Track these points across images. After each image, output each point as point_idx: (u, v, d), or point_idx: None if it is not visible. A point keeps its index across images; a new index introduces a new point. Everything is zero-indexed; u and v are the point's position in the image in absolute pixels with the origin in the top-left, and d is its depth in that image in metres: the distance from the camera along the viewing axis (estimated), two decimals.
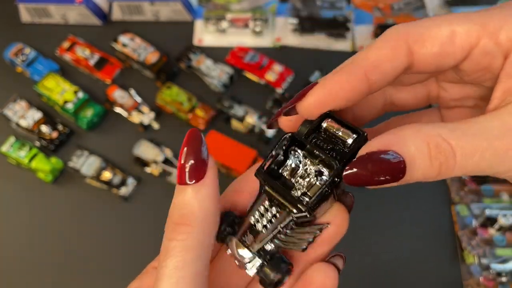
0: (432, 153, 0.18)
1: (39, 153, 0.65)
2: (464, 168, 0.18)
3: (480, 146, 0.18)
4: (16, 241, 0.63)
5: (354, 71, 0.20)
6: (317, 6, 0.75)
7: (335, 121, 0.21)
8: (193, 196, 0.21)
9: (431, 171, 0.19)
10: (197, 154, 0.21)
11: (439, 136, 0.18)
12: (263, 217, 0.22)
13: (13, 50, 0.73)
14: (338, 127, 0.21)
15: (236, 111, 0.68)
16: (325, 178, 0.21)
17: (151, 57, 0.71)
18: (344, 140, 0.21)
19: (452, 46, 0.19)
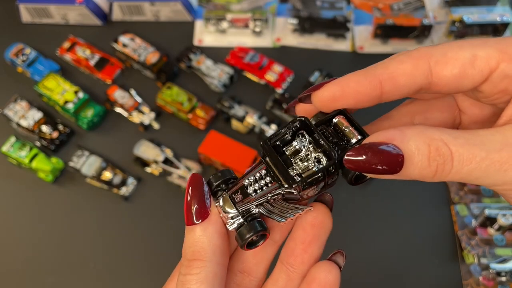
0: (431, 154, 0.19)
1: (39, 153, 0.65)
2: (459, 174, 0.19)
3: (478, 155, 0.19)
4: (17, 241, 0.63)
5: (370, 77, 0.21)
6: (317, 7, 0.75)
7: (347, 119, 0.23)
8: (202, 234, 0.24)
9: (427, 171, 0.19)
10: (201, 196, 0.24)
11: (441, 140, 0.19)
12: (256, 183, 0.24)
13: (13, 50, 0.73)
14: (347, 125, 0.22)
15: (236, 111, 0.68)
16: (321, 164, 0.22)
17: (152, 57, 0.71)
18: (349, 139, 0.22)
19: (473, 69, 0.20)
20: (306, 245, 0.24)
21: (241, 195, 0.24)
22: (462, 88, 0.21)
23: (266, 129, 0.68)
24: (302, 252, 0.24)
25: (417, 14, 0.74)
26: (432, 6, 0.78)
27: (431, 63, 0.20)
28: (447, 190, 0.64)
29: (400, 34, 0.74)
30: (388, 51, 0.75)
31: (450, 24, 0.73)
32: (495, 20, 0.72)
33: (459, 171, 0.19)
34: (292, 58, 0.75)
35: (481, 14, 0.73)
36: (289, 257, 0.25)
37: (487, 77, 0.20)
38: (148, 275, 0.60)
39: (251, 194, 0.23)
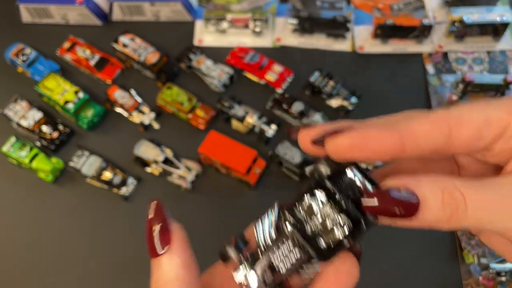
0: (445, 199, 0.20)
1: (39, 153, 0.65)
2: (473, 218, 0.20)
3: (491, 200, 0.20)
4: (17, 241, 0.63)
5: (393, 133, 0.21)
6: (317, 7, 0.75)
7: (359, 170, 0.22)
8: (166, 268, 0.22)
9: (442, 216, 0.20)
10: (165, 227, 0.23)
11: (454, 185, 0.20)
12: (281, 255, 0.22)
13: (13, 50, 0.73)
14: (361, 177, 0.22)
15: (236, 111, 0.68)
16: (346, 229, 0.21)
17: (152, 57, 0.71)
18: (363, 191, 0.22)
19: (487, 130, 0.21)
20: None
21: (269, 271, 0.22)
22: (475, 148, 0.22)
23: (266, 129, 0.68)
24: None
25: (417, 14, 0.74)
26: (432, 6, 0.78)
27: (451, 124, 0.21)
28: None
29: (400, 34, 0.74)
30: (388, 51, 0.75)
31: (450, 24, 0.73)
32: (495, 20, 0.72)
33: (473, 215, 0.20)
34: (292, 58, 0.75)
35: (481, 14, 0.73)
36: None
37: (499, 137, 0.21)
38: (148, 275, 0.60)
39: (279, 269, 0.22)
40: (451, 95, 0.71)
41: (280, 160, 0.64)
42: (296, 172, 0.64)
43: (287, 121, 0.69)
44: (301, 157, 0.64)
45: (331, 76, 0.70)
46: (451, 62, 0.74)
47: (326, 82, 0.70)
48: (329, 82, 0.70)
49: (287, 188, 0.65)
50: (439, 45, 0.75)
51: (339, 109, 0.70)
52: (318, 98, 0.71)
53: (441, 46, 0.75)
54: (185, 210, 0.64)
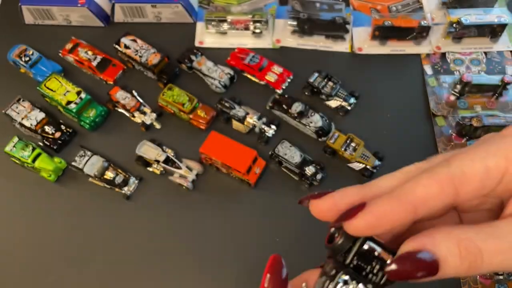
0: (462, 254, 0.21)
1: (42, 153, 0.66)
2: (490, 266, 0.21)
3: (504, 247, 0.21)
4: (19, 240, 0.63)
5: (405, 205, 0.22)
6: (316, 8, 0.76)
7: (375, 242, 0.24)
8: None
9: (461, 269, 0.21)
10: (278, 282, 0.24)
11: (468, 239, 0.21)
12: None
13: (16, 51, 0.74)
14: (379, 248, 0.23)
15: (236, 111, 0.69)
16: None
17: (153, 58, 0.72)
18: (384, 260, 0.23)
19: (488, 180, 0.23)
20: None
21: None
22: (481, 195, 0.24)
23: (266, 129, 0.68)
24: None
25: (415, 16, 0.75)
26: (430, 8, 0.79)
27: (455, 185, 0.23)
28: None
29: (398, 35, 0.75)
30: (386, 53, 0.76)
31: (448, 25, 0.74)
32: (493, 21, 0.73)
33: (490, 263, 0.21)
34: (292, 59, 0.76)
35: (478, 15, 0.74)
36: None
37: (499, 183, 0.23)
38: (150, 273, 0.61)
39: None
40: (449, 95, 0.72)
41: (280, 160, 0.65)
42: (295, 171, 0.65)
43: (287, 121, 0.70)
44: (300, 157, 0.64)
45: (330, 77, 0.71)
46: (449, 63, 0.75)
47: (325, 83, 0.70)
48: (328, 83, 0.71)
49: (287, 187, 0.66)
50: (437, 46, 0.76)
51: (338, 109, 0.71)
52: (317, 99, 0.72)
53: (439, 47, 0.76)
54: (186, 209, 0.65)
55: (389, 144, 0.68)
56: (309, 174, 0.64)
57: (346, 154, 0.65)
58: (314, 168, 0.64)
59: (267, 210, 0.64)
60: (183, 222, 0.64)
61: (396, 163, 0.75)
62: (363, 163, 0.65)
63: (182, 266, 0.61)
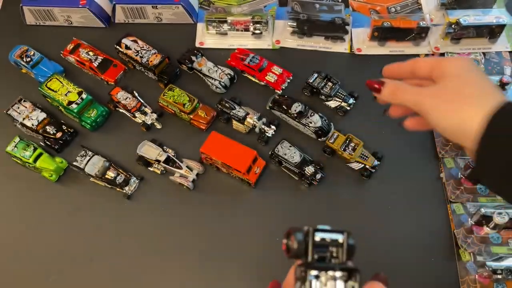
0: (395, 84, 0.42)
1: (43, 153, 0.66)
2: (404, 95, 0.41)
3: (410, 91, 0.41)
4: (21, 239, 0.64)
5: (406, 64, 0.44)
6: (316, 9, 0.76)
7: (322, 231, 0.27)
8: None
9: (392, 90, 0.41)
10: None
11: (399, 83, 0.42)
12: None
13: (18, 52, 0.75)
14: (328, 234, 0.27)
15: (236, 112, 0.69)
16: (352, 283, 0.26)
17: (154, 59, 0.73)
18: (338, 241, 0.27)
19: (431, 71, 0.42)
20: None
21: None
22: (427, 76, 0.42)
23: (266, 129, 0.69)
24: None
25: (414, 17, 0.75)
26: (428, 9, 0.79)
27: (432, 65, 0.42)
28: (444, 189, 0.65)
29: (397, 36, 0.75)
30: (385, 53, 0.76)
31: (446, 26, 0.74)
32: (491, 22, 0.73)
33: (404, 93, 0.41)
34: (291, 59, 0.76)
35: (477, 16, 0.74)
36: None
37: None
38: (150, 272, 0.61)
39: None
40: None
41: (280, 160, 0.65)
42: (295, 171, 0.65)
43: (286, 121, 0.70)
44: (300, 157, 0.65)
45: (330, 78, 0.71)
46: None
47: (325, 83, 0.71)
48: (328, 83, 0.71)
49: (286, 186, 0.66)
50: (436, 47, 0.76)
51: (337, 109, 0.71)
52: (316, 99, 0.72)
53: (437, 47, 0.76)
54: (187, 208, 0.65)
55: (388, 144, 0.68)
56: (308, 174, 0.64)
57: (346, 154, 0.65)
58: (313, 168, 0.64)
59: (267, 209, 0.64)
60: (184, 221, 0.64)
61: (395, 163, 0.76)
62: (362, 163, 0.65)
63: (183, 265, 0.61)
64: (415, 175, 0.66)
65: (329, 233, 0.27)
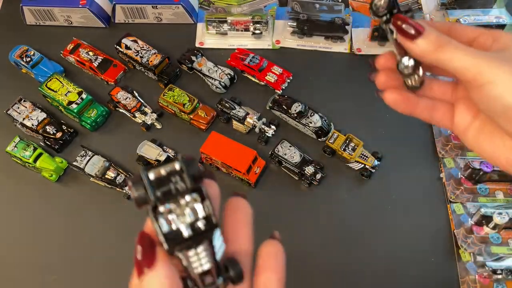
0: (440, 37, 0.29)
1: (43, 153, 0.66)
2: (451, 51, 0.29)
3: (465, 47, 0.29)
4: (21, 239, 0.64)
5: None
6: (316, 9, 0.76)
7: (153, 167, 0.25)
8: (151, 282, 0.24)
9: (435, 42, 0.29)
10: (149, 252, 0.25)
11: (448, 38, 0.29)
12: (200, 260, 0.25)
13: (18, 52, 0.75)
14: (161, 168, 0.25)
15: (236, 112, 0.69)
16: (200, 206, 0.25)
17: (154, 59, 0.73)
18: (174, 169, 0.25)
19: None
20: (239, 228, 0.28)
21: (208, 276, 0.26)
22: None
23: (266, 129, 0.69)
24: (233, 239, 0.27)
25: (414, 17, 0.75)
26: (429, 9, 0.79)
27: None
28: (444, 189, 0.65)
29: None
30: None
31: None
32: (491, 22, 0.73)
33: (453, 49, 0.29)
34: (291, 60, 0.76)
35: (477, 16, 0.74)
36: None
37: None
38: None
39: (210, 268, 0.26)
40: None
41: (280, 160, 0.65)
42: (295, 171, 0.65)
43: (286, 121, 0.70)
44: (300, 157, 0.65)
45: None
46: None
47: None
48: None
49: (286, 186, 0.66)
50: None
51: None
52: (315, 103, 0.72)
53: None
54: None
55: (388, 144, 0.68)
56: (308, 174, 0.64)
57: (345, 154, 0.65)
58: (313, 167, 0.65)
59: (267, 209, 0.64)
60: None
61: (395, 163, 0.76)
62: (362, 163, 0.65)
63: None
64: (415, 175, 0.66)
65: (162, 166, 0.25)
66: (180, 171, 0.25)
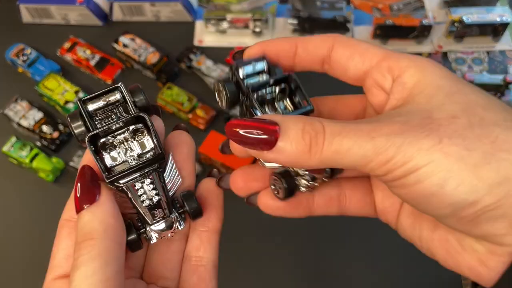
0: (306, 128, 0.20)
1: (40, 153, 0.65)
2: (331, 146, 0.20)
3: (348, 127, 0.20)
4: (17, 240, 0.63)
5: (290, 39, 0.27)
6: (317, 7, 0.75)
7: (92, 98, 0.24)
8: (91, 217, 0.23)
9: (302, 144, 0.20)
10: (89, 187, 0.24)
11: (316, 119, 0.21)
12: (147, 192, 0.25)
13: (14, 50, 0.74)
14: (100, 97, 0.24)
15: (236, 111, 0.68)
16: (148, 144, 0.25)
17: (152, 57, 0.72)
18: (115, 98, 0.25)
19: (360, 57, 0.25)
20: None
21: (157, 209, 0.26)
22: (349, 71, 0.25)
23: None
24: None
25: (416, 15, 0.74)
26: (431, 7, 0.78)
27: (334, 43, 0.25)
28: None
29: (400, 34, 0.74)
30: None
31: (449, 24, 0.73)
32: (495, 20, 0.72)
33: (331, 142, 0.20)
34: None
35: (480, 14, 0.73)
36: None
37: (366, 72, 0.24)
38: None
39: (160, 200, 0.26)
40: None
41: None
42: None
43: None
44: None
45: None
46: (451, 62, 0.75)
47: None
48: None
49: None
50: (439, 45, 0.75)
51: None
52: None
53: (440, 46, 0.75)
54: None
55: None
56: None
57: None
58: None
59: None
60: None
61: None
62: None
63: None
64: None
65: (102, 96, 0.24)
66: (122, 102, 0.24)
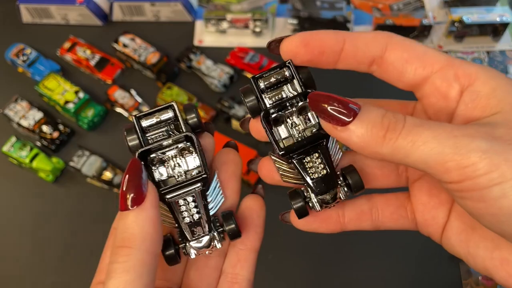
0: (387, 114, 0.20)
1: (40, 153, 0.65)
2: (408, 136, 0.19)
3: (429, 122, 0.20)
4: (17, 241, 0.63)
5: (337, 33, 0.24)
6: (317, 7, 0.75)
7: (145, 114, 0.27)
8: (134, 220, 0.22)
9: (379, 127, 0.20)
10: (138, 182, 0.23)
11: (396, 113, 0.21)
12: (189, 210, 0.25)
13: (14, 50, 0.74)
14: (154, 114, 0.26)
15: (236, 111, 0.68)
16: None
17: (152, 57, 0.72)
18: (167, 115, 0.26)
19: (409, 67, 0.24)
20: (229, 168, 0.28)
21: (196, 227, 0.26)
22: (405, 76, 0.23)
23: None
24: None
25: (416, 15, 0.74)
26: (431, 6, 0.78)
27: (387, 43, 0.23)
28: None
29: (400, 34, 0.74)
30: None
31: (449, 24, 0.73)
32: (495, 20, 0.72)
33: (410, 130, 0.19)
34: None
35: (480, 14, 0.73)
36: None
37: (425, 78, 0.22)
38: None
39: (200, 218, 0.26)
40: None
41: None
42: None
43: None
44: None
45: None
46: None
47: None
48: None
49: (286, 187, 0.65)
50: (439, 45, 0.75)
51: None
52: None
53: (440, 46, 0.75)
54: None
55: None
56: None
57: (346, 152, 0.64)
58: None
59: (267, 209, 0.63)
60: None
61: None
62: None
63: None
64: None
65: (153, 114, 0.25)
66: (174, 120, 0.25)
